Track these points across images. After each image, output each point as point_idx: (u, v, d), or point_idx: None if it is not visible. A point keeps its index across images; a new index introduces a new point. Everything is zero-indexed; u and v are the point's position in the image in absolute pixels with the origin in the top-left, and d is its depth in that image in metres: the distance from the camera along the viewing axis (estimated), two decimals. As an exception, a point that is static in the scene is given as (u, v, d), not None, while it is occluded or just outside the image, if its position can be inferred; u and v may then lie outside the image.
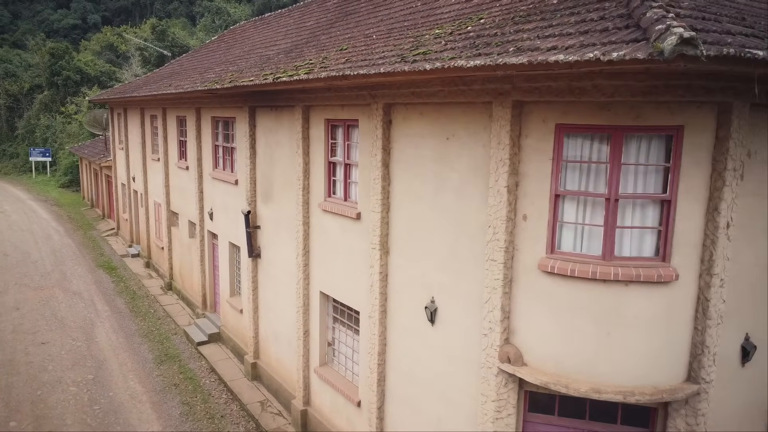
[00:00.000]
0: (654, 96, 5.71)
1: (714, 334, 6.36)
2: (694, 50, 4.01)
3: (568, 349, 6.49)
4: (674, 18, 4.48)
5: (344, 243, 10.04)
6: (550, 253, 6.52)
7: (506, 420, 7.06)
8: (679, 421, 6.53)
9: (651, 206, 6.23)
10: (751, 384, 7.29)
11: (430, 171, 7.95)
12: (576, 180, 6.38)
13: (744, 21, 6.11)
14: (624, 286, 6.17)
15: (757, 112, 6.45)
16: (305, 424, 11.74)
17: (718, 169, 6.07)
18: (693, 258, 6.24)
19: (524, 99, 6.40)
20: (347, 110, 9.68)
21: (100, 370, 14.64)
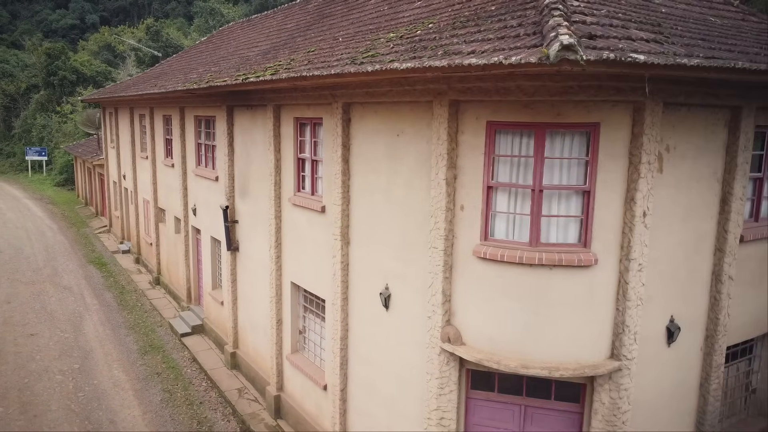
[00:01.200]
0: (570, 95, 6.27)
1: (634, 315, 6.91)
2: (575, 55, 4.56)
3: (500, 328, 7.04)
4: (567, 26, 5.02)
5: (312, 235, 10.59)
6: (484, 240, 7.08)
7: (448, 396, 7.61)
8: (604, 395, 7.08)
9: (574, 197, 6.78)
10: (677, 363, 7.85)
11: (384, 166, 8.50)
12: (506, 173, 6.94)
13: (658, 27, 6.67)
14: (548, 270, 6.72)
15: (675, 110, 7.01)
16: (278, 409, 12.30)
17: (634, 163, 6.62)
18: (613, 244, 6.79)
19: (459, 98, 6.95)
20: (313, 109, 10.23)
21: (86, 360, 15.19)
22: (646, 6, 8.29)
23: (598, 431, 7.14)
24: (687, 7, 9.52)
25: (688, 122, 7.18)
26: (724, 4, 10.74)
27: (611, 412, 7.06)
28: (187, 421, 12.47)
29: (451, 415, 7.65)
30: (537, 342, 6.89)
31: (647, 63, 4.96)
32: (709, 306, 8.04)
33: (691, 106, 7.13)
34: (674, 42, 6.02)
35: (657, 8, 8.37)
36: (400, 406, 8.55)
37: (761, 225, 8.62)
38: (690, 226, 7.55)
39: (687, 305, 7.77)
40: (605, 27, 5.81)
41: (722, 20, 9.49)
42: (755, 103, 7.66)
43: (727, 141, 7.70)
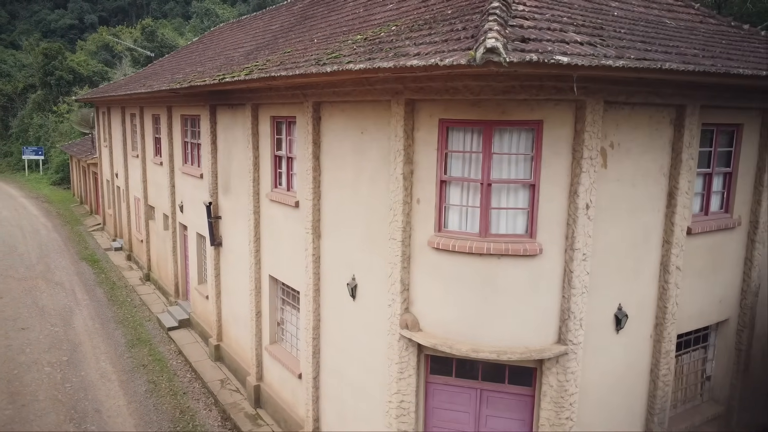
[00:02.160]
0: (513, 95, 6.67)
1: (580, 302, 7.32)
2: (498, 57, 4.96)
3: (453, 314, 7.45)
4: (498, 30, 5.42)
5: (287, 229, 10.99)
6: (438, 231, 7.49)
7: (407, 380, 8.02)
8: (552, 378, 7.48)
9: (521, 190, 7.19)
10: (627, 349, 8.25)
11: (351, 162, 8.91)
12: (459, 167, 7.34)
13: (600, 30, 7.07)
14: (497, 259, 7.13)
15: (619, 108, 7.42)
16: (258, 399, 12.70)
17: (577, 158, 7.02)
18: (557, 235, 7.20)
19: (414, 97, 7.35)
20: (287, 108, 10.64)
21: (75, 353, 15.60)
22: (599, 9, 8.70)
23: (547, 412, 7.55)
24: (644, 10, 9.93)
25: (632, 120, 7.58)
26: (685, 6, 11.15)
27: (559, 394, 7.47)
28: (170, 411, 12.87)
29: (411, 398, 8.06)
30: (487, 327, 7.30)
31: (570, 64, 5.37)
32: (658, 295, 8.45)
33: (634, 105, 7.53)
34: (610, 44, 6.42)
35: (609, 12, 8.77)
36: (366, 391, 8.96)
37: (711, 218, 9.03)
38: (637, 219, 7.96)
39: (635, 294, 8.17)
40: (542, 31, 6.21)
41: (678, 22, 9.91)
42: (699, 102, 8.06)
43: (673, 138, 8.11)
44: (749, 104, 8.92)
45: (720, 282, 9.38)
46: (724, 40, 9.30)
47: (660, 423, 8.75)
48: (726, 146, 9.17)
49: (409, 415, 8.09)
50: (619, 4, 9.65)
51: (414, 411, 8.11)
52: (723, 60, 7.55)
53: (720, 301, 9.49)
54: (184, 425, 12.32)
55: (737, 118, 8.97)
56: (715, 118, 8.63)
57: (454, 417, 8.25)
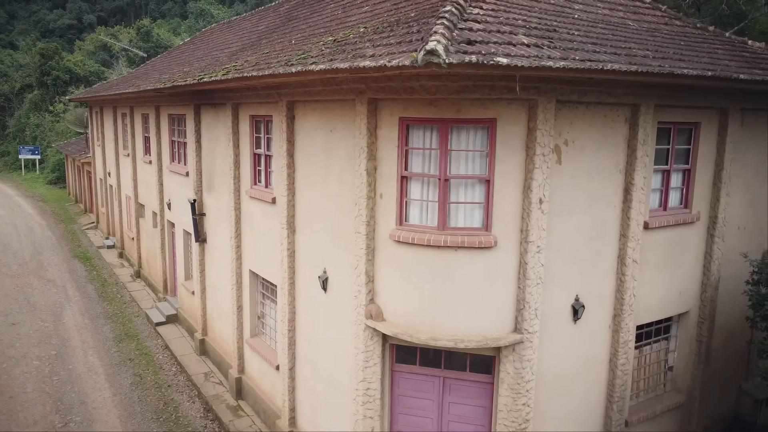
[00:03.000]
0: (466, 94, 7.00)
1: (534, 293, 7.64)
2: (438, 58, 5.29)
3: (413, 304, 7.78)
4: (443, 33, 5.75)
5: (265, 225, 11.32)
6: (399, 225, 7.82)
7: (373, 368, 8.35)
8: (509, 365, 7.81)
9: (477, 185, 7.52)
10: (585, 338, 8.58)
11: (321, 159, 9.24)
12: (419, 164, 7.67)
13: (554, 33, 7.40)
14: (454, 251, 7.46)
15: (573, 107, 7.74)
16: (240, 391, 13.03)
17: (530, 155, 7.35)
18: (512, 228, 7.52)
19: (376, 96, 7.68)
20: (265, 107, 10.97)
21: (63, 347, 15.93)
22: (560, 12, 9.03)
23: (505, 399, 7.87)
24: (609, 12, 10.27)
25: (587, 118, 7.91)
26: (652, 9, 11.48)
27: (516, 381, 7.79)
28: (155, 402, 13.20)
29: (376, 386, 8.39)
30: (445, 316, 7.63)
31: (510, 65, 5.69)
32: (616, 287, 8.78)
33: (588, 104, 7.85)
34: (557, 46, 6.75)
35: (571, 14, 9.10)
36: (337, 381, 9.28)
37: (669, 213, 9.36)
38: (593, 213, 8.28)
39: (592, 285, 8.50)
40: (491, 33, 6.53)
41: (642, 24, 10.25)
42: (653, 101, 8.39)
43: (628, 136, 8.43)
44: (706, 104, 9.25)
45: (679, 275, 9.71)
46: (683, 42, 9.63)
47: (619, 410, 9.08)
48: (685, 144, 9.50)
49: (375, 403, 8.42)
50: (583, 6, 9.99)
51: (379, 398, 8.44)
52: (673, 61, 7.88)
53: (680, 293, 9.82)
54: (167, 416, 12.65)
55: (694, 117, 9.30)
56: (671, 116, 8.96)
57: (419, 404, 8.58)
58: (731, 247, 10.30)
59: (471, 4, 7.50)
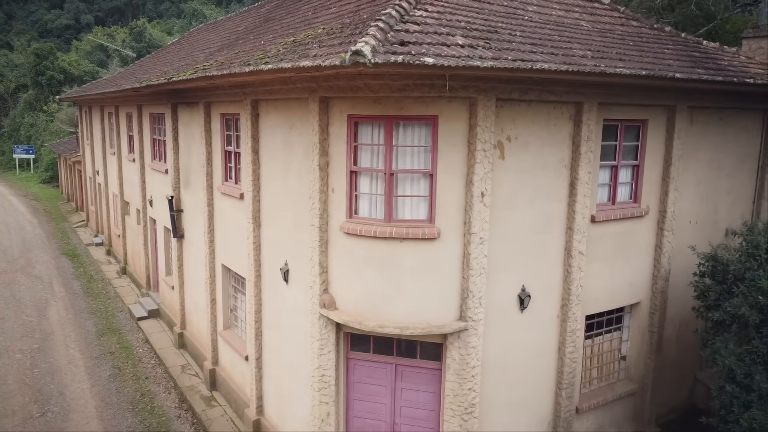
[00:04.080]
0: (408, 92, 7.36)
1: (478, 282, 8.00)
2: (363, 59, 5.65)
3: (362, 294, 8.14)
4: (373, 35, 6.10)
5: (235, 220, 11.67)
6: (349, 218, 8.17)
7: (327, 356, 8.71)
8: (455, 352, 8.16)
9: (422, 179, 7.87)
10: (532, 327, 8.93)
11: (282, 155, 9.60)
12: (367, 159, 8.03)
13: (495, 34, 7.75)
14: (399, 242, 7.81)
15: (515, 105, 8.09)
16: (214, 382, 13.39)
17: (472, 150, 7.70)
18: (456, 220, 7.88)
19: (327, 95, 8.04)
20: (233, 106, 11.32)
21: (46, 341, 16.29)
22: (511, 14, 9.38)
23: (452, 384, 8.23)
24: (564, 14, 10.62)
25: (530, 116, 8.26)
26: (610, 10, 11.83)
27: (461, 367, 8.15)
28: (131, 394, 13.56)
29: (331, 373, 8.74)
30: (392, 305, 7.99)
31: (437, 65, 6.05)
32: (563, 278, 9.13)
33: (531, 102, 8.21)
34: (493, 47, 7.10)
35: (522, 15, 9.45)
36: (298, 369, 9.64)
37: (617, 207, 9.71)
38: (539, 207, 8.63)
39: (539, 276, 8.85)
40: (428, 35, 6.88)
41: (596, 25, 10.59)
42: (596, 99, 8.74)
43: (573, 132, 8.78)
44: (652, 102, 9.59)
45: (629, 267, 10.06)
46: (632, 42, 9.98)
47: (568, 397, 9.43)
48: (634, 141, 9.86)
49: (330, 388, 8.78)
50: (537, 8, 10.33)
51: (334, 384, 8.79)
52: (612, 60, 8.24)
53: (630, 284, 10.17)
54: (143, 407, 13.01)
55: (641, 114, 9.65)
56: (617, 114, 9.31)
57: (373, 390, 8.94)
58: (683, 240, 10.65)
59: (416, 7, 7.84)
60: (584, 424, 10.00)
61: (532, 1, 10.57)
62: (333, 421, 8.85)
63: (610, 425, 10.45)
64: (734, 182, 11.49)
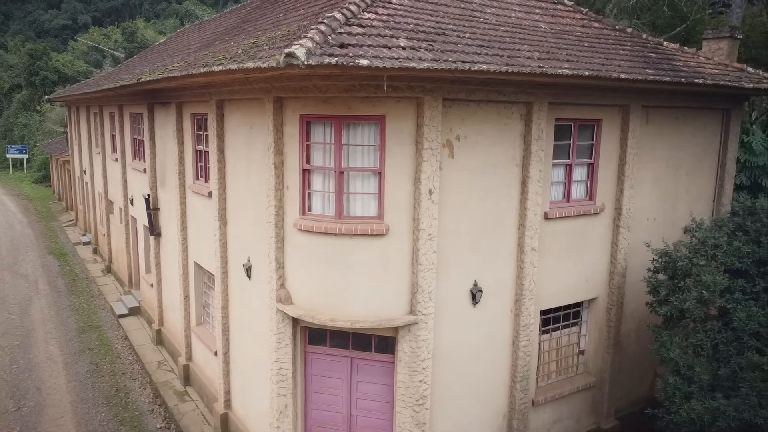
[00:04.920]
0: (354, 92, 7.59)
1: (428, 277, 8.23)
2: (297, 60, 5.88)
3: (315, 288, 8.38)
4: (311, 37, 6.33)
5: (205, 218, 11.90)
6: (302, 215, 8.41)
7: (285, 349, 8.94)
8: (405, 345, 8.39)
9: (372, 177, 8.11)
10: (485, 321, 9.16)
11: (245, 154, 9.83)
12: (319, 157, 8.26)
13: (441, 36, 7.97)
14: (349, 238, 8.05)
15: (464, 105, 8.32)
16: (187, 377, 13.62)
17: (419, 149, 7.93)
18: (405, 217, 8.11)
19: (281, 95, 8.27)
20: (201, 106, 11.55)
21: (27, 338, 16.52)
22: (469, 16, 9.59)
23: (403, 376, 8.46)
24: (524, 15, 10.84)
25: (479, 115, 8.49)
26: (572, 11, 12.06)
27: (412, 359, 8.38)
28: (107, 389, 13.79)
29: (288, 366, 8.97)
30: (343, 299, 8.22)
31: (371, 66, 6.28)
32: (516, 273, 9.36)
33: (480, 102, 8.44)
34: (435, 49, 7.32)
35: (478, 18, 9.67)
36: (259, 363, 9.87)
37: (572, 205, 9.95)
38: (490, 204, 8.87)
39: (492, 272, 9.08)
40: (371, 37, 7.11)
41: (555, 26, 10.82)
42: (547, 99, 8.98)
43: (524, 132, 9.02)
44: (605, 102, 9.83)
45: (585, 263, 10.30)
46: (588, 43, 10.21)
47: (523, 390, 9.66)
48: (588, 139, 10.10)
49: (287, 381, 9.01)
50: (496, 10, 10.54)
51: (292, 377, 9.02)
52: (560, 62, 8.46)
53: (587, 280, 10.41)
54: (117, 402, 13.24)
55: (595, 114, 9.89)
56: (570, 114, 9.55)
57: (330, 383, 9.17)
58: (641, 237, 10.85)
59: (366, 10, 8.06)
60: (541, 417, 10.24)
61: (493, 3, 10.78)
62: (291, 413, 9.09)
63: (569, 418, 10.69)
64: (693, 180, 11.73)
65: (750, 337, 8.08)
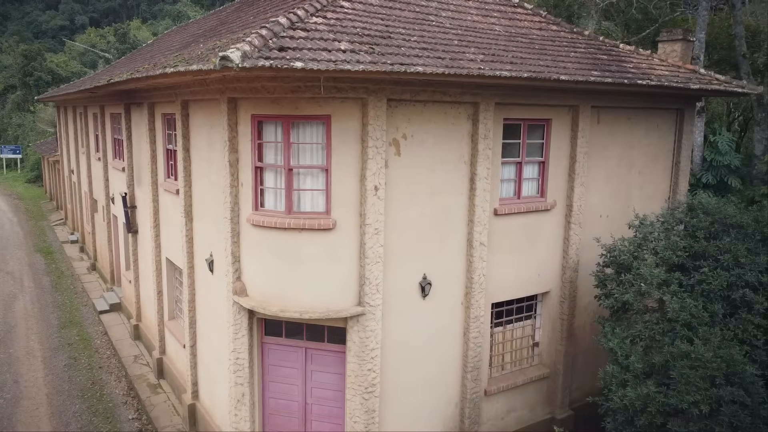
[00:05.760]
0: (300, 93, 7.96)
1: (375, 270, 8.59)
2: (231, 63, 6.25)
3: (268, 281, 8.75)
4: (250, 41, 6.70)
5: (174, 215, 12.27)
6: (255, 210, 8.78)
7: (241, 340, 9.31)
8: (354, 335, 8.76)
9: (320, 174, 8.48)
10: (435, 313, 9.52)
11: (206, 153, 10.20)
12: (271, 155, 8.63)
13: (384, 40, 8.34)
14: (298, 232, 8.42)
15: (410, 105, 8.69)
16: (161, 370, 13.99)
17: (365, 147, 8.30)
18: (352, 212, 8.47)
19: (234, 96, 8.64)
20: (170, 106, 11.92)
21: (8, 333, 16.88)
22: (423, 20, 9.97)
23: (352, 365, 8.82)
24: (480, 19, 11.21)
25: (426, 115, 8.86)
26: (532, 15, 12.43)
27: (360, 349, 8.74)
28: (83, 382, 14.16)
29: (245, 356, 9.34)
30: (292, 291, 8.59)
31: (305, 68, 6.65)
32: (466, 267, 9.73)
33: (426, 102, 8.81)
34: (376, 51, 7.68)
35: (432, 21, 10.04)
36: (220, 353, 10.24)
37: (522, 201, 10.32)
38: (438, 200, 9.23)
39: (441, 265, 9.44)
40: (313, 41, 7.47)
41: (511, 29, 11.19)
42: (493, 100, 9.35)
43: (471, 131, 9.39)
44: (554, 102, 10.20)
45: (537, 258, 10.66)
46: (538, 46, 10.58)
47: (474, 380, 10.03)
48: (539, 138, 10.47)
49: (244, 371, 9.38)
50: (452, 14, 10.92)
51: (248, 367, 9.39)
52: (503, 64, 8.82)
53: (539, 274, 10.78)
54: (92, 394, 13.61)
55: (544, 114, 10.26)
56: (519, 114, 9.92)
57: (286, 373, 9.54)
58: (594, 233, 11.20)
59: (315, 14, 8.43)
60: (495, 406, 10.60)
61: (450, 6, 11.14)
62: (248, 401, 9.45)
63: (523, 408, 11.06)
64: (647, 179, 12.10)
65: (682, 327, 8.45)
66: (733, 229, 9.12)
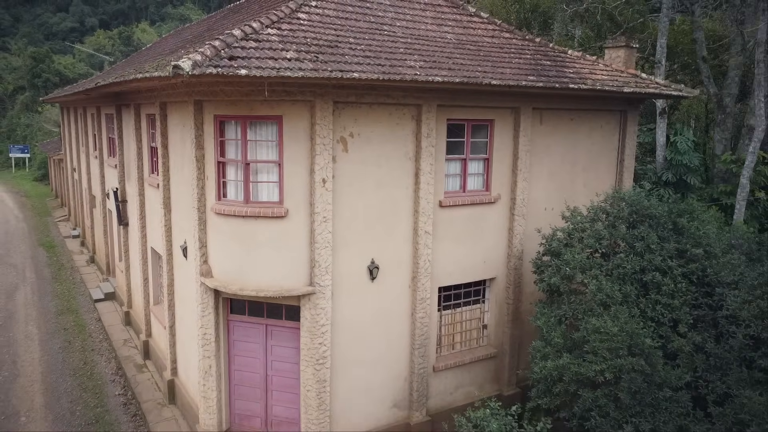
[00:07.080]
0: (254, 96, 9.02)
1: (324, 254, 9.63)
2: (182, 71, 7.31)
3: (229, 263, 9.81)
4: (202, 51, 7.75)
5: (156, 207, 13.37)
6: (218, 200, 9.85)
7: (208, 317, 10.38)
8: (306, 312, 9.80)
9: (274, 168, 9.52)
10: (384, 295, 10.54)
11: (180, 149, 11.28)
12: (232, 151, 9.70)
13: (332, 48, 9.37)
14: (254, 219, 9.48)
15: (356, 106, 9.71)
16: (147, 352, 15.10)
17: (314, 144, 9.34)
18: (303, 202, 9.52)
19: (199, 98, 9.72)
20: (152, 107, 13.02)
21: (9, 320, 18.07)
22: (377, 29, 10.96)
23: (305, 339, 9.86)
24: (434, 28, 12.20)
25: (372, 116, 9.89)
26: (487, 23, 13.41)
27: (312, 325, 9.78)
28: (76, 362, 15.30)
29: (211, 332, 10.41)
30: (250, 272, 9.65)
31: (249, 75, 7.70)
32: (412, 254, 10.74)
33: (371, 104, 9.84)
34: (320, 59, 8.72)
35: (386, 30, 11.04)
36: (193, 332, 11.31)
37: (467, 195, 11.31)
38: (384, 193, 10.25)
39: (389, 252, 10.45)
40: (263, 50, 8.52)
41: (462, 37, 12.18)
42: (436, 102, 10.35)
43: (416, 130, 10.41)
44: (496, 104, 11.19)
45: (483, 246, 11.65)
46: (483, 52, 11.56)
47: (422, 356, 11.03)
48: (484, 137, 11.46)
49: (211, 345, 10.44)
50: (407, 23, 11.91)
51: (215, 341, 10.45)
52: (441, 70, 9.82)
53: (485, 262, 11.77)
54: (83, 373, 14.74)
55: (487, 115, 11.25)
56: (462, 114, 10.92)
57: (249, 347, 10.60)
58: (539, 225, 12.14)
59: (270, 26, 9.47)
60: (443, 382, 11.60)
61: (406, 16, 12.14)
62: (215, 373, 10.51)
63: (471, 384, 12.04)
64: (592, 175, 13.06)
65: (599, 307, 9.42)
66: (648, 219, 10.08)
